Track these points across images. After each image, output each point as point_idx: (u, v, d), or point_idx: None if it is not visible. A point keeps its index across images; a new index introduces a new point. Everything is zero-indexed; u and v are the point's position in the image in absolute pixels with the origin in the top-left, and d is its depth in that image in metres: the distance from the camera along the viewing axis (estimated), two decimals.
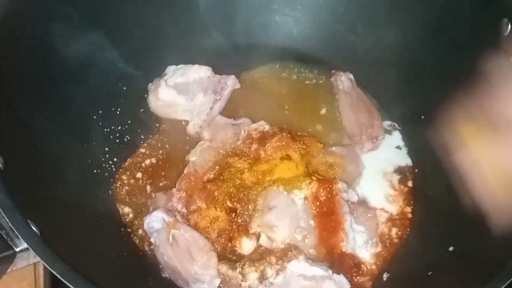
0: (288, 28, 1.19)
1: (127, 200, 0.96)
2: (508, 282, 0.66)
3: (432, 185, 0.98)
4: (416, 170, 1.02)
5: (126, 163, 1.00)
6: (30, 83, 0.83)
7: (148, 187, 0.98)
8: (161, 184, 0.99)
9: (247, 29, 1.16)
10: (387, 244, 0.94)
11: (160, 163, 1.01)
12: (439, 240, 0.87)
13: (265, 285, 0.83)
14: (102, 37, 0.97)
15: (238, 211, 0.90)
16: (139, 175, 1.00)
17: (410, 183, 1.01)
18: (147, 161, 1.01)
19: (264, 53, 1.16)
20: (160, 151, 1.03)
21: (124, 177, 0.99)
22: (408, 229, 0.96)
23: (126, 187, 0.98)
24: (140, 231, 0.93)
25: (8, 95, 0.78)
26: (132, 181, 0.99)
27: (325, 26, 1.16)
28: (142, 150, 1.03)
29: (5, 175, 0.66)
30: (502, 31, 0.81)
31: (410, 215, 0.97)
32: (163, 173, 1.00)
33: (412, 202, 0.99)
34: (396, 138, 1.07)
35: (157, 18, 1.06)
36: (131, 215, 0.95)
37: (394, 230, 0.96)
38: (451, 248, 0.83)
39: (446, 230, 0.88)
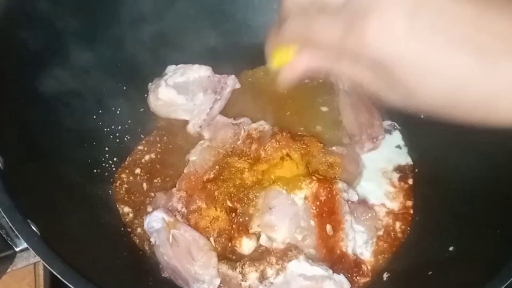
0: None
1: (126, 199, 0.96)
2: (508, 282, 0.66)
3: (432, 185, 0.97)
4: (416, 170, 1.02)
5: (126, 162, 1.01)
6: (29, 82, 0.83)
7: (147, 184, 0.98)
8: (160, 182, 0.99)
9: (247, 29, 1.16)
10: (392, 236, 0.94)
11: (159, 160, 1.01)
12: (439, 240, 0.86)
13: (265, 285, 0.83)
14: (102, 37, 0.97)
15: (238, 211, 0.90)
16: (137, 171, 1.00)
17: (410, 181, 1.01)
18: (147, 157, 1.02)
19: (264, 53, 1.15)
20: (159, 146, 1.03)
21: (123, 175, 0.99)
22: (409, 227, 0.96)
23: (126, 185, 0.98)
24: (139, 229, 0.93)
25: (8, 94, 0.78)
26: (131, 178, 0.99)
27: None
28: (141, 147, 1.03)
29: (5, 175, 0.66)
30: None
31: (411, 210, 0.97)
32: (162, 171, 1.00)
33: (412, 198, 0.99)
34: (396, 137, 1.07)
35: (157, 18, 1.06)
36: (131, 215, 0.95)
37: (398, 224, 0.96)
38: (451, 248, 0.83)
39: (446, 229, 0.87)
